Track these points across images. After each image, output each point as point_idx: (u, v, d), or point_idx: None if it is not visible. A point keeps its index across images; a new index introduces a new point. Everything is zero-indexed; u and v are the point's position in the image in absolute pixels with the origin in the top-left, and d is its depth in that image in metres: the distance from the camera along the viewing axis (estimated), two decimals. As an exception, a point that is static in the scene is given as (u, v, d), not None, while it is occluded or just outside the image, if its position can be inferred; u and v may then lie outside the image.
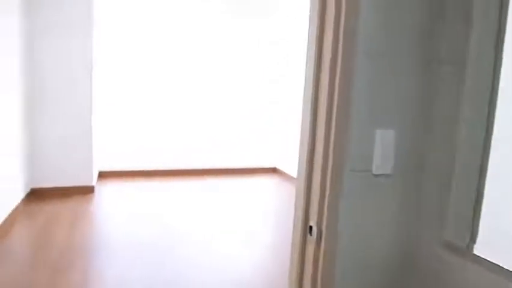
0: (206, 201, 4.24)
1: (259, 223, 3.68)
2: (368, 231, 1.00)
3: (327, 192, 0.90)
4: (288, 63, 5.59)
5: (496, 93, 0.90)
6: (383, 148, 0.97)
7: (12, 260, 2.58)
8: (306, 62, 0.96)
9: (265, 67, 5.86)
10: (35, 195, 3.86)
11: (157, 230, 3.29)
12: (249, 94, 5.92)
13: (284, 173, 5.63)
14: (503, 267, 0.82)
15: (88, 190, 4.12)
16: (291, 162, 5.45)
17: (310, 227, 0.95)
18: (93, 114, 4.14)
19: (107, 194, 4.24)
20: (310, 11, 0.95)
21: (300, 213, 0.97)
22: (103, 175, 4.81)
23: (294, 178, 5.37)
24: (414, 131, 1.02)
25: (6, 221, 3.05)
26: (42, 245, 2.86)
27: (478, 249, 0.91)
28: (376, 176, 0.99)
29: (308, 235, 0.96)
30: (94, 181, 4.22)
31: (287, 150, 5.57)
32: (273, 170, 5.90)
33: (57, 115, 3.94)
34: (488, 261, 0.86)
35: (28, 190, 3.84)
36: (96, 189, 4.24)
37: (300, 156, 0.99)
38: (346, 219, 0.95)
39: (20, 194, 3.55)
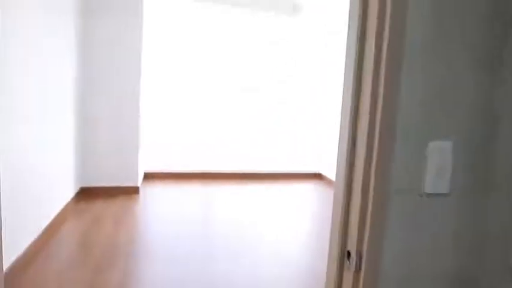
0: (248, 205, 4.18)
1: (302, 232, 3.56)
2: (417, 258, 0.86)
3: (369, 215, 0.77)
4: (336, 65, 5.39)
5: None
6: (437, 163, 0.82)
7: (58, 258, 2.68)
8: (345, 64, 0.84)
9: (311, 70, 5.71)
10: (84, 194, 4.03)
11: (199, 233, 3.28)
12: (294, 98, 5.80)
13: (329, 179, 5.44)
14: None
15: (133, 191, 4.23)
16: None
17: (349, 253, 0.83)
18: (140, 117, 4.25)
19: (151, 195, 4.33)
20: (350, 8, 0.83)
21: (337, 238, 0.85)
22: (148, 176, 4.93)
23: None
24: (476, 141, 0.87)
25: (57, 217, 3.20)
26: (87, 243, 2.95)
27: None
28: (428, 195, 0.84)
29: (346, 262, 0.84)
30: (139, 182, 4.33)
31: (332, 155, 5.35)
32: (318, 176, 5.72)
33: (106, 118, 4.08)
34: None
35: (78, 189, 4.00)
36: (141, 190, 4.35)
37: (337, 172, 0.87)
38: (390, 245, 0.82)
39: (70, 193, 3.71)
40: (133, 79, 4.11)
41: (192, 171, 5.15)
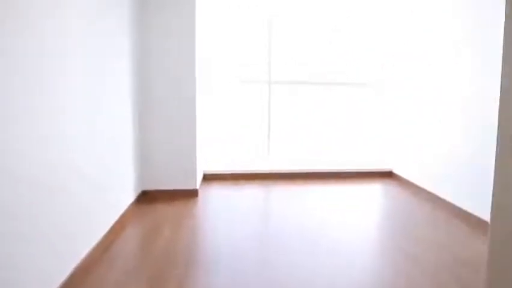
0: (315, 207, 3.83)
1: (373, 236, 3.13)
2: None
3: None
4: (397, 63, 4.81)
5: None
6: None
7: (117, 267, 2.57)
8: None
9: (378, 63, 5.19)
10: (145, 197, 3.98)
11: (260, 240, 3.01)
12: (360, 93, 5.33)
13: (401, 177, 4.88)
14: None
15: (193, 193, 4.10)
16: (409, 165, 4.68)
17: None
18: (197, 117, 4.10)
19: (210, 197, 4.16)
20: None
21: None
22: (207, 178, 4.80)
23: (411, 183, 4.62)
24: None
25: (119, 221, 3.14)
26: (147, 250, 2.82)
27: None
28: None
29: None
30: (197, 185, 4.19)
31: (404, 151, 4.81)
32: (389, 174, 5.19)
33: (165, 121, 4.00)
34: None
35: (139, 192, 3.96)
36: (200, 193, 4.20)
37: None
38: None
39: (132, 196, 3.66)
40: (189, 79, 3.97)
41: (252, 171, 4.92)
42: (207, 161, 4.95)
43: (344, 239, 3.07)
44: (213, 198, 4.15)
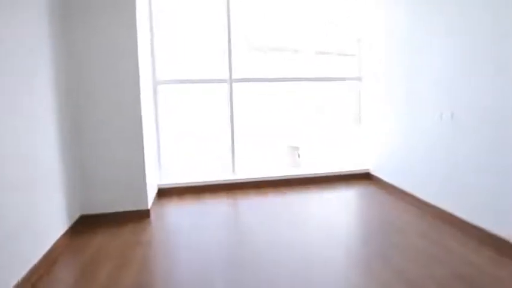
0: (290, 219, 3.27)
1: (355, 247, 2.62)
2: None
3: None
4: (373, 59, 4.38)
5: None
6: None
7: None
8: None
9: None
10: (84, 223, 3.26)
11: (230, 272, 2.41)
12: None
13: (379, 179, 4.44)
14: None
15: (143, 215, 3.43)
16: (387, 166, 4.24)
17: None
18: (145, 128, 3.43)
19: (166, 218, 3.50)
20: None
21: None
22: (163, 193, 4.13)
23: (390, 185, 4.18)
24: None
25: (44, 259, 2.45)
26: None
27: None
28: None
29: None
30: (149, 204, 3.52)
31: (382, 152, 4.36)
32: (367, 176, 4.73)
33: (106, 133, 3.30)
34: None
35: (77, 217, 3.25)
36: (153, 213, 3.54)
37: None
38: None
39: (64, 224, 2.96)
40: (131, 84, 3.29)
41: (216, 182, 4.30)
42: (163, 173, 4.28)
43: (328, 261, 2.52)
44: (169, 219, 3.49)
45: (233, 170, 4.45)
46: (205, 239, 2.96)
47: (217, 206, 3.79)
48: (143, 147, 3.37)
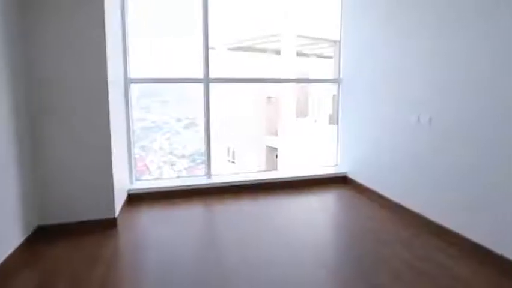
0: (268, 227, 3.10)
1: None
2: None
3: None
4: (351, 61, 4.27)
5: None
6: None
7: None
8: None
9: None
10: (42, 235, 2.96)
11: (207, 281, 2.21)
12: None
13: (356, 182, 4.34)
14: None
15: (110, 224, 3.16)
16: (364, 169, 4.15)
17: None
18: (113, 131, 3.17)
19: (134, 227, 3.26)
20: None
21: None
22: (133, 199, 3.87)
23: (367, 189, 4.07)
24: None
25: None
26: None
27: None
28: None
29: None
30: (116, 211, 3.26)
31: (359, 154, 4.26)
32: (344, 180, 4.61)
33: (68, 136, 3.01)
34: None
35: (34, 228, 2.95)
36: (120, 222, 3.27)
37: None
38: None
39: (18, 236, 2.67)
40: (98, 83, 3.03)
41: (190, 186, 4.07)
42: (134, 177, 4.01)
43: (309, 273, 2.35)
44: (138, 228, 3.25)
45: (208, 175, 4.23)
46: (174, 254, 2.72)
47: (191, 214, 3.57)
48: (110, 149, 3.10)
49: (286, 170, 4.82)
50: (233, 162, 11.44)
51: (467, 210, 2.79)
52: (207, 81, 4.02)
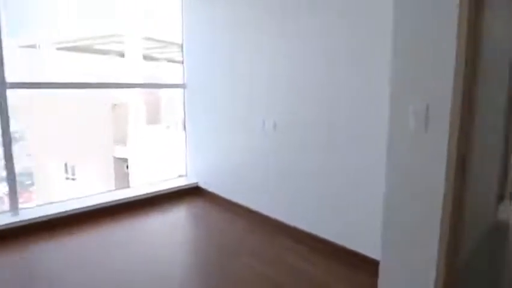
0: (105, 269, 2.45)
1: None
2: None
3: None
4: (197, 66, 3.99)
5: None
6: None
7: None
8: None
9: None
10: None
11: None
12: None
13: (209, 192, 4.07)
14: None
15: None
16: (216, 177, 3.92)
17: None
18: None
19: None
20: None
21: None
22: None
23: (221, 198, 3.85)
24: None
25: None
26: None
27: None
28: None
29: None
30: None
31: (210, 162, 4.01)
32: (196, 190, 4.25)
33: None
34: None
35: None
36: None
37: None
38: None
39: None
40: None
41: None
42: None
43: None
44: None
45: (13, 210, 3.20)
46: None
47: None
48: None
49: (133, 189, 4.20)
50: (73, 179, 9.93)
51: (316, 210, 2.82)
52: (2, 86, 3.06)
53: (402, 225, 1.69)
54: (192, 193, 4.22)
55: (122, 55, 11.04)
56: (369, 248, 2.44)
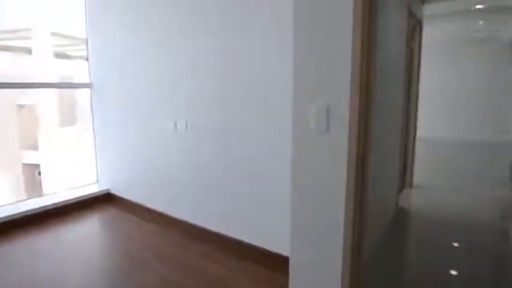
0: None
1: None
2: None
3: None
4: (103, 64, 3.73)
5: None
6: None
7: None
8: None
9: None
10: None
11: None
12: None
13: (121, 199, 3.85)
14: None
15: None
16: (128, 183, 3.73)
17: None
18: None
19: None
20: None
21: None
22: None
23: (134, 204, 3.68)
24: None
25: None
26: None
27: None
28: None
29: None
30: None
31: (120, 167, 3.80)
32: (107, 198, 4.00)
33: None
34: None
35: None
36: None
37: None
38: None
39: None
40: None
41: None
42: None
43: None
44: None
45: None
46: None
47: None
48: None
49: (43, 198, 3.83)
50: (-28, 190, 8.80)
51: (225, 211, 2.82)
52: None
53: (309, 224, 1.70)
54: (103, 200, 3.96)
55: (29, 52, 10.04)
56: (282, 246, 2.44)
